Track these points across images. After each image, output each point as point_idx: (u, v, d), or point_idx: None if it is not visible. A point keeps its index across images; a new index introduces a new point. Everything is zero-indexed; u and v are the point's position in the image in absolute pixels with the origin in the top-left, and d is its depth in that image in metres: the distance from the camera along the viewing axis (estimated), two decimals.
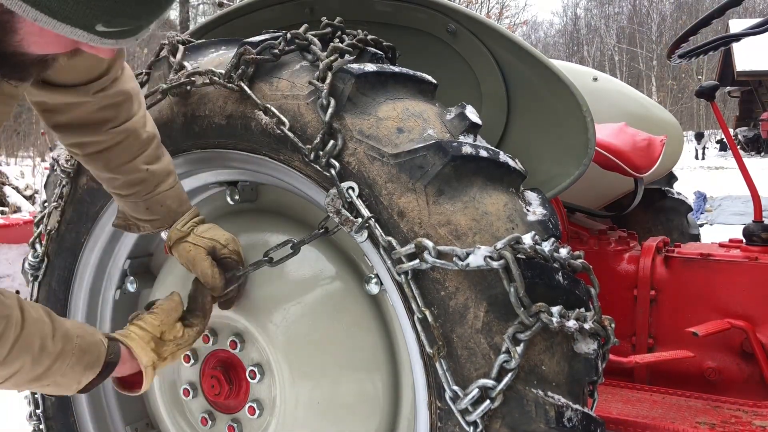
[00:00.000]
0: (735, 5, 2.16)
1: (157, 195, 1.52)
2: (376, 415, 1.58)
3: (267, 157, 1.51)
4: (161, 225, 1.56)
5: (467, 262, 1.26)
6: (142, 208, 1.53)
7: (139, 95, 1.50)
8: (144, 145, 1.49)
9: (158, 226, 1.56)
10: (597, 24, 55.00)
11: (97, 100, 1.40)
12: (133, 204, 1.53)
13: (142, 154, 1.49)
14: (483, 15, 3.31)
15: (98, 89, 1.39)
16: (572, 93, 1.61)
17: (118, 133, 1.45)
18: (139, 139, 1.48)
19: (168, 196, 1.53)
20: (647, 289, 2.26)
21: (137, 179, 1.49)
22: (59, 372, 1.24)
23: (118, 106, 1.44)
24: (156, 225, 1.56)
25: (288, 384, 1.56)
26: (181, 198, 1.57)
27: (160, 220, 1.55)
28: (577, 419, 1.29)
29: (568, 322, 1.28)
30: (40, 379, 1.23)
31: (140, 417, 1.99)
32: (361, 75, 1.41)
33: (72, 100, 1.38)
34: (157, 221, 1.55)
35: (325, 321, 1.58)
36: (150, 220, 1.55)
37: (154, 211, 1.53)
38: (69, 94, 1.37)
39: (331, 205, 1.37)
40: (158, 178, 1.51)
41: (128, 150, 1.47)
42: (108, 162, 1.48)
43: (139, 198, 1.52)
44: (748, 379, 2.12)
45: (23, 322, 1.19)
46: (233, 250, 1.55)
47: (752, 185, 2.38)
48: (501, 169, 1.40)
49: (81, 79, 1.36)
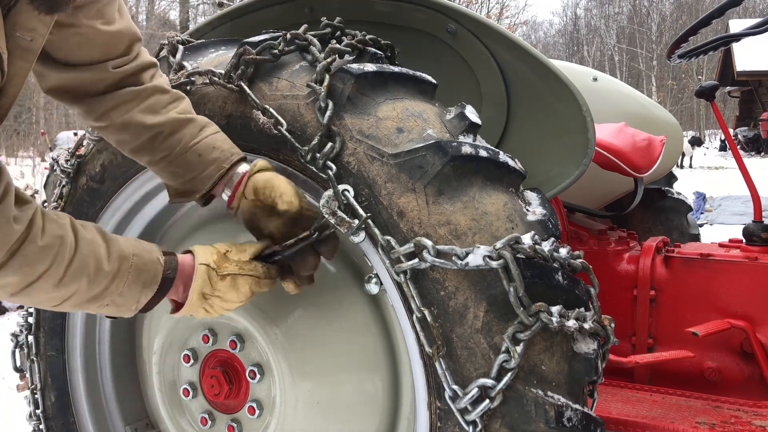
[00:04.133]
0: (735, 5, 2.16)
1: (206, 138, 1.47)
2: (376, 415, 1.58)
3: (267, 157, 1.51)
4: (219, 168, 1.46)
5: (466, 262, 1.26)
6: (194, 157, 1.46)
7: (159, 68, 1.53)
8: (174, 99, 1.49)
9: (216, 171, 1.47)
10: (597, 24, 55.01)
11: (117, 73, 1.42)
12: (183, 159, 1.46)
13: (176, 107, 1.48)
14: (483, 15, 3.30)
15: (117, 65, 1.41)
16: (572, 93, 1.61)
17: (144, 90, 1.46)
18: (168, 94, 1.49)
19: (217, 139, 1.48)
20: (647, 289, 2.26)
21: (179, 126, 1.46)
22: (117, 291, 1.25)
23: (140, 74, 1.46)
24: (213, 171, 1.47)
25: (288, 384, 1.56)
26: (230, 141, 1.50)
27: (216, 164, 1.46)
28: (576, 419, 1.29)
29: (568, 321, 1.28)
30: (97, 299, 1.24)
31: (140, 417, 1.99)
32: (360, 75, 1.41)
33: (92, 77, 1.40)
34: (213, 167, 1.46)
35: (324, 321, 1.58)
36: (205, 170, 1.46)
37: (207, 157, 1.46)
38: (88, 72, 1.39)
39: (327, 207, 1.37)
40: (200, 123, 1.48)
41: (159, 102, 1.47)
42: (143, 119, 1.45)
43: (187, 148, 1.46)
44: (748, 379, 2.12)
45: (77, 243, 1.19)
46: None
47: (752, 185, 2.38)
48: (501, 169, 1.40)
49: (99, 56, 1.39)
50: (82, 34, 1.34)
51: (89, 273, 1.20)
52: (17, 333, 1.98)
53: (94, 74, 1.41)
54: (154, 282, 1.29)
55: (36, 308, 1.90)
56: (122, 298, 1.27)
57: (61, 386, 1.91)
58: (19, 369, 2.01)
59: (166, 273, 1.31)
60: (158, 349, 1.78)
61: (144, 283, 1.28)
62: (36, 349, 1.93)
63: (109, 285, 1.23)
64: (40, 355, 1.92)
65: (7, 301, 1.31)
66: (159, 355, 1.78)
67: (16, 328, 1.99)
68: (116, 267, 1.24)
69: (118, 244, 1.26)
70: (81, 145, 1.85)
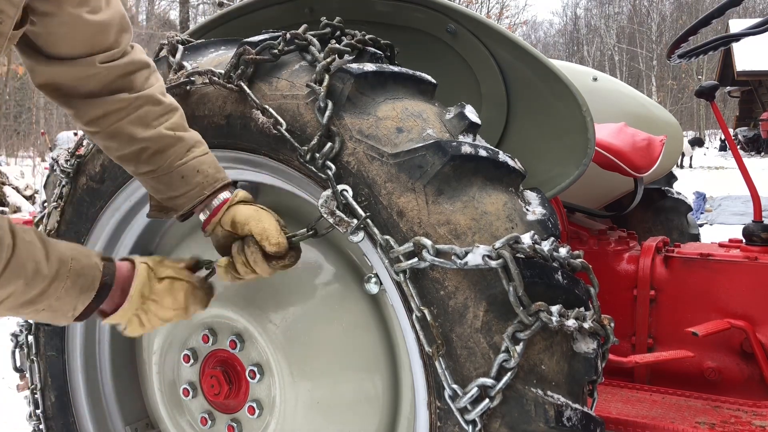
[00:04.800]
0: (735, 5, 2.16)
1: (192, 160, 1.44)
2: (376, 415, 1.58)
3: (267, 157, 1.51)
4: (199, 194, 1.45)
5: (466, 261, 1.26)
6: (177, 178, 1.44)
7: (154, 70, 1.47)
8: (167, 111, 1.44)
9: (196, 196, 1.45)
10: (597, 24, 55.02)
11: (106, 70, 1.36)
12: (167, 177, 1.44)
13: (167, 120, 1.43)
14: (483, 15, 3.30)
15: (105, 60, 1.35)
16: (572, 93, 1.61)
17: (136, 99, 1.41)
18: (161, 105, 1.44)
19: (204, 161, 1.45)
20: (647, 289, 2.26)
21: (166, 144, 1.43)
22: (54, 295, 1.21)
23: (131, 75, 1.41)
24: (194, 195, 1.45)
25: (288, 384, 1.56)
26: (216, 164, 1.48)
27: (198, 188, 1.45)
28: (576, 418, 1.29)
29: (568, 321, 1.28)
30: (34, 303, 1.20)
31: (140, 417, 1.99)
32: (360, 75, 1.41)
33: (79, 73, 1.35)
34: (195, 191, 1.45)
35: (324, 321, 1.58)
36: (186, 193, 1.45)
37: (190, 180, 1.44)
38: (75, 67, 1.34)
39: (325, 207, 1.37)
40: (189, 143, 1.45)
41: (150, 114, 1.42)
42: (132, 131, 1.41)
43: (172, 168, 1.43)
44: (748, 379, 2.12)
45: (15, 245, 1.14)
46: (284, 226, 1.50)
47: (752, 185, 2.38)
48: (500, 168, 1.40)
49: (84, 50, 1.33)
50: (66, 23, 1.27)
51: (26, 275, 1.16)
52: (17, 333, 1.98)
53: (82, 69, 1.34)
54: (92, 288, 1.26)
55: None
56: (59, 302, 1.23)
57: (61, 386, 1.91)
58: (19, 369, 2.01)
59: (104, 279, 1.27)
60: (158, 349, 1.78)
61: (81, 288, 1.24)
62: (36, 349, 1.93)
63: (46, 289, 1.20)
64: (40, 355, 1.92)
65: None
66: (159, 355, 1.78)
67: (16, 328, 1.99)
68: (54, 270, 1.20)
69: (57, 247, 1.23)
70: (81, 145, 1.85)
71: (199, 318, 1.69)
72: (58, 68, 1.33)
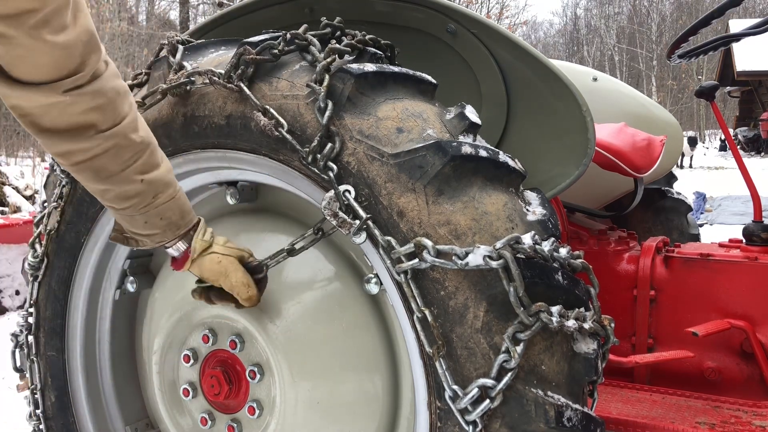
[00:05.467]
0: (735, 5, 2.16)
1: (156, 207, 1.40)
2: (376, 415, 1.58)
3: (267, 157, 1.51)
4: (162, 239, 1.45)
5: (466, 262, 1.26)
6: (140, 222, 1.42)
7: (126, 96, 1.32)
8: (137, 153, 1.34)
9: (159, 240, 1.45)
10: (597, 24, 54.97)
11: (72, 100, 1.21)
12: (130, 218, 1.41)
13: (135, 162, 1.34)
14: (483, 15, 3.30)
15: (70, 87, 1.20)
16: (572, 93, 1.61)
17: (105, 139, 1.28)
18: (132, 146, 1.33)
19: (168, 208, 1.42)
20: (647, 289, 2.26)
21: (132, 191, 1.36)
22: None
23: (102, 109, 1.26)
24: (156, 239, 1.45)
25: (288, 384, 1.56)
26: (182, 209, 1.46)
27: (160, 234, 1.44)
28: (576, 419, 1.29)
29: (568, 321, 1.28)
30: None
31: (140, 417, 1.99)
32: (360, 75, 1.41)
33: (43, 100, 1.20)
34: (157, 235, 1.44)
35: (324, 321, 1.58)
36: (149, 235, 1.45)
37: (153, 225, 1.42)
38: (38, 93, 1.19)
39: (328, 208, 1.37)
40: (156, 188, 1.39)
41: (119, 157, 1.32)
42: (98, 172, 1.32)
43: (135, 211, 1.39)
44: (748, 379, 2.12)
45: None
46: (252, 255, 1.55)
47: (752, 185, 2.38)
48: (500, 168, 1.40)
49: (49, 75, 1.17)
50: (24, 45, 1.11)
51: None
52: (17, 333, 1.98)
53: (44, 97, 1.19)
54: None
55: (35, 308, 1.90)
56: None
57: (61, 386, 1.91)
58: (19, 369, 2.01)
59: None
60: (158, 349, 1.78)
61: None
62: (36, 349, 1.93)
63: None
64: (40, 355, 1.92)
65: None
66: (159, 355, 1.78)
67: (16, 328, 1.99)
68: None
69: None
70: None
71: (199, 318, 1.69)
72: (20, 92, 1.19)
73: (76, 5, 1.17)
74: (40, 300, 1.90)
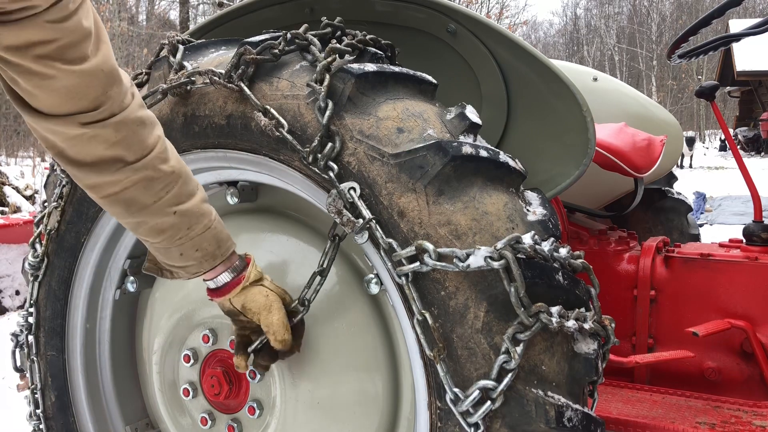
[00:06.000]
0: (735, 5, 2.16)
1: (191, 239, 1.35)
2: (376, 415, 1.58)
3: (267, 157, 1.51)
4: (198, 270, 1.40)
5: (468, 263, 1.26)
6: (176, 254, 1.37)
7: (153, 127, 1.28)
8: (168, 184, 1.29)
9: (194, 272, 1.40)
10: (597, 24, 54.99)
11: (94, 132, 1.17)
12: (165, 250, 1.37)
13: (167, 194, 1.29)
14: (483, 15, 3.30)
15: (89, 120, 1.16)
16: (572, 93, 1.61)
17: (134, 171, 1.24)
18: (162, 177, 1.28)
19: (204, 239, 1.36)
20: (647, 289, 2.26)
21: (166, 224, 1.32)
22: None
23: (126, 142, 1.22)
24: (192, 270, 1.40)
25: (288, 384, 1.56)
26: (219, 239, 1.40)
27: (196, 265, 1.39)
28: (577, 419, 1.29)
29: (568, 322, 1.28)
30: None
31: (140, 417, 1.99)
32: (361, 75, 1.41)
33: (64, 132, 1.16)
34: (193, 266, 1.39)
35: (325, 321, 1.58)
36: (184, 267, 1.40)
37: (189, 257, 1.37)
38: (58, 125, 1.16)
39: (333, 206, 1.37)
40: (190, 220, 1.34)
41: (150, 190, 1.27)
42: (129, 205, 1.28)
43: (170, 243, 1.35)
44: (748, 379, 2.12)
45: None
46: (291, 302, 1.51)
47: (752, 185, 2.38)
48: (501, 169, 1.40)
49: (66, 107, 1.13)
50: (37, 75, 1.07)
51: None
52: (17, 333, 1.98)
53: (64, 129, 1.16)
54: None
55: (36, 308, 1.90)
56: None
57: (61, 386, 1.91)
58: (19, 369, 2.01)
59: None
60: (158, 349, 1.78)
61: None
62: (36, 349, 1.93)
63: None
64: (40, 355, 1.92)
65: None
66: (159, 355, 1.78)
67: (16, 328, 1.99)
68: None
69: None
70: None
71: (199, 318, 1.69)
72: (43, 124, 1.16)
73: (98, 36, 1.13)
74: (40, 300, 1.90)
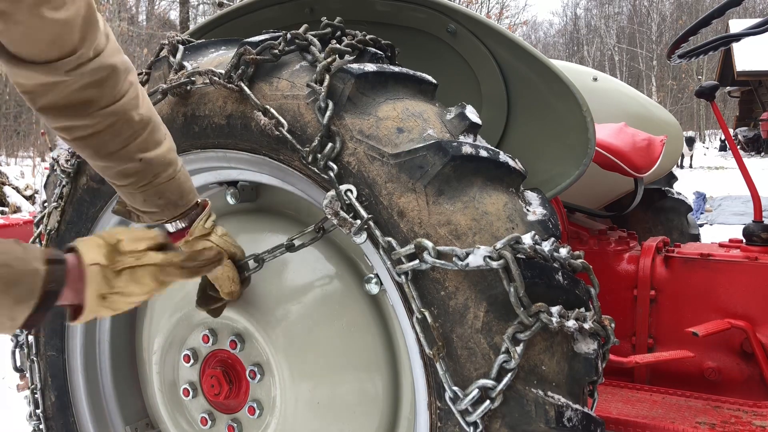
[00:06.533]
0: (735, 5, 2.16)
1: (155, 187, 1.38)
2: (376, 415, 1.58)
3: (267, 157, 1.51)
4: (159, 218, 1.45)
5: (467, 262, 1.26)
6: (140, 199, 1.41)
7: (128, 73, 1.29)
8: (137, 130, 1.32)
9: (156, 219, 1.45)
10: (597, 24, 54.97)
11: (74, 78, 1.19)
12: (130, 195, 1.41)
13: (135, 140, 1.32)
14: (483, 15, 3.30)
15: (72, 67, 1.17)
16: (572, 93, 1.61)
17: (105, 116, 1.26)
18: (131, 123, 1.30)
19: (167, 188, 1.40)
20: (647, 289, 2.26)
21: (131, 169, 1.35)
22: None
23: (101, 84, 1.23)
24: (154, 218, 1.45)
25: (288, 384, 1.56)
26: (182, 189, 1.44)
27: (158, 213, 1.43)
28: (577, 419, 1.29)
29: (568, 322, 1.28)
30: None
31: (140, 417, 1.99)
32: (361, 75, 1.41)
33: (44, 79, 1.17)
34: (155, 214, 1.44)
35: (325, 321, 1.58)
36: (148, 212, 1.44)
37: (152, 204, 1.41)
38: (38, 72, 1.16)
39: (330, 207, 1.37)
40: (155, 168, 1.37)
41: (119, 135, 1.30)
42: (98, 149, 1.31)
43: (135, 189, 1.38)
44: (748, 379, 2.12)
45: None
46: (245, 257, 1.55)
47: (752, 185, 2.38)
48: (501, 169, 1.40)
49: (48, 54, 1.14)
50: (23, 22, 1.08)
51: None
52: (17, 333, 1.98)
53: (45, 76, 1.16)
54: (31, 297, 1.07)
55: None
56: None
57: (61, 386, 1.91)
58: (19, 369, 2.01)
59: (48, 286, 1.08)
60: (158, 349, 1.78)
61: (17, 299, 1.05)
62: (36, 349, 1.93)
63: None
64: (40, 355, 1.92)
65: None
66: (159, 355, 1.78)
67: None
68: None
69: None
70: None
71: (199, 318, 1.69)
72: (23, 71, 1.16)
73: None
74: None
